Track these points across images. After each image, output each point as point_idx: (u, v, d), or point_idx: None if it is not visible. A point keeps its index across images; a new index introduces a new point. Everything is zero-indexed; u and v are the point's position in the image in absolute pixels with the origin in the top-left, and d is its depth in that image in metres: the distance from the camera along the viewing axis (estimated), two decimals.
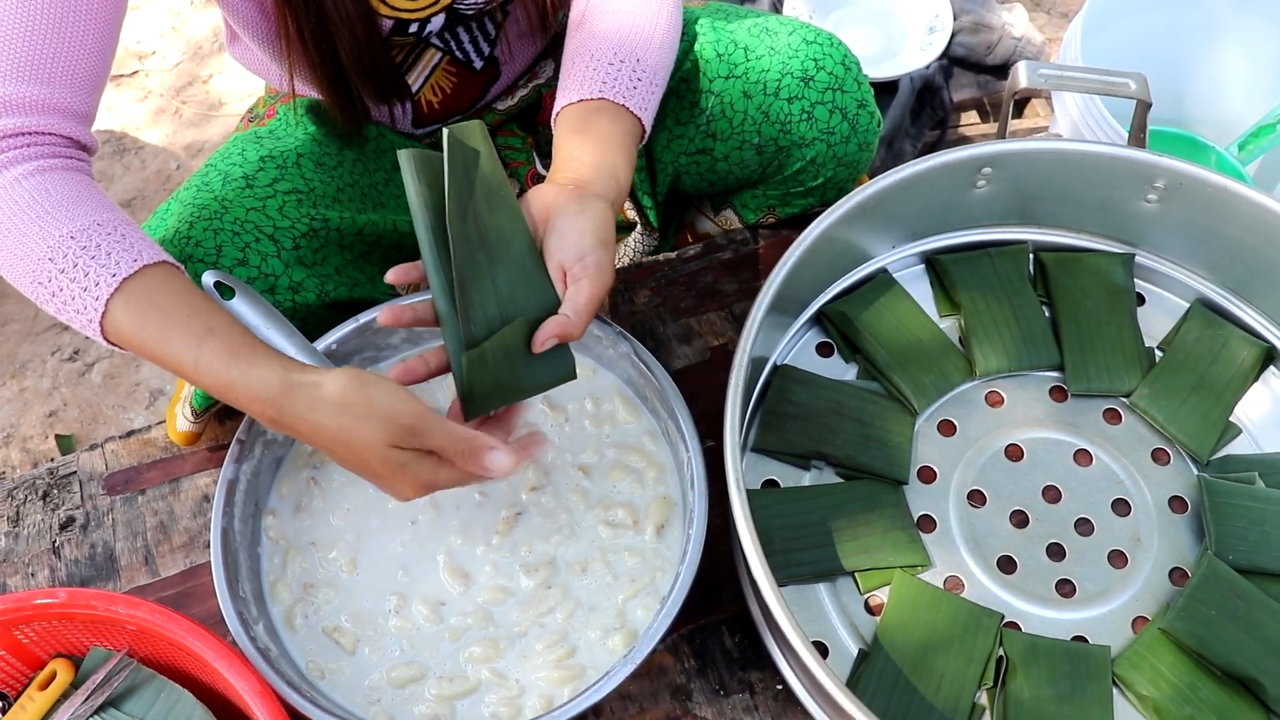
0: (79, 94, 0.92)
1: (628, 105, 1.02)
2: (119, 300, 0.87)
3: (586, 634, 0.99)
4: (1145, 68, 1.16)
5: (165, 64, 2.31)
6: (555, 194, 0.94)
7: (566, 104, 1.02)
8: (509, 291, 0.92)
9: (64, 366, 1.89)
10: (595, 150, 0.98)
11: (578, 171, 0.97)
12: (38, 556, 1.16)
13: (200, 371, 0.88)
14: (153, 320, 0.88)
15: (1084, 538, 1.03)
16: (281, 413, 0.87)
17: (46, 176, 0.89)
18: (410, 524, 1.05)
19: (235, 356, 0.87)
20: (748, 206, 1.34)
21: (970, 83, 1.92)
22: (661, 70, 1.07)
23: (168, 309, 0.88)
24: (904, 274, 1.19)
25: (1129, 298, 1.15)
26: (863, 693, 0.95)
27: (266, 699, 0.87)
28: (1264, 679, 0.93)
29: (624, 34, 1.05)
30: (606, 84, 1.02)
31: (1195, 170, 1.07)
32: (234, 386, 0.87)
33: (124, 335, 0.89)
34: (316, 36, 1.02)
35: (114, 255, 0.88)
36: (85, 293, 0.87)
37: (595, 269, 0.91)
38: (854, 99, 1.17)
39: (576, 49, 1.06)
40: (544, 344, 0.90)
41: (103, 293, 0.87)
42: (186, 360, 0.88)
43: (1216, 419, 1.09)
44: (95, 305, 0.87)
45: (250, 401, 0.88)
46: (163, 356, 0.89)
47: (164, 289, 0.89)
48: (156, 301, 0.88)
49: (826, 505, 1.04)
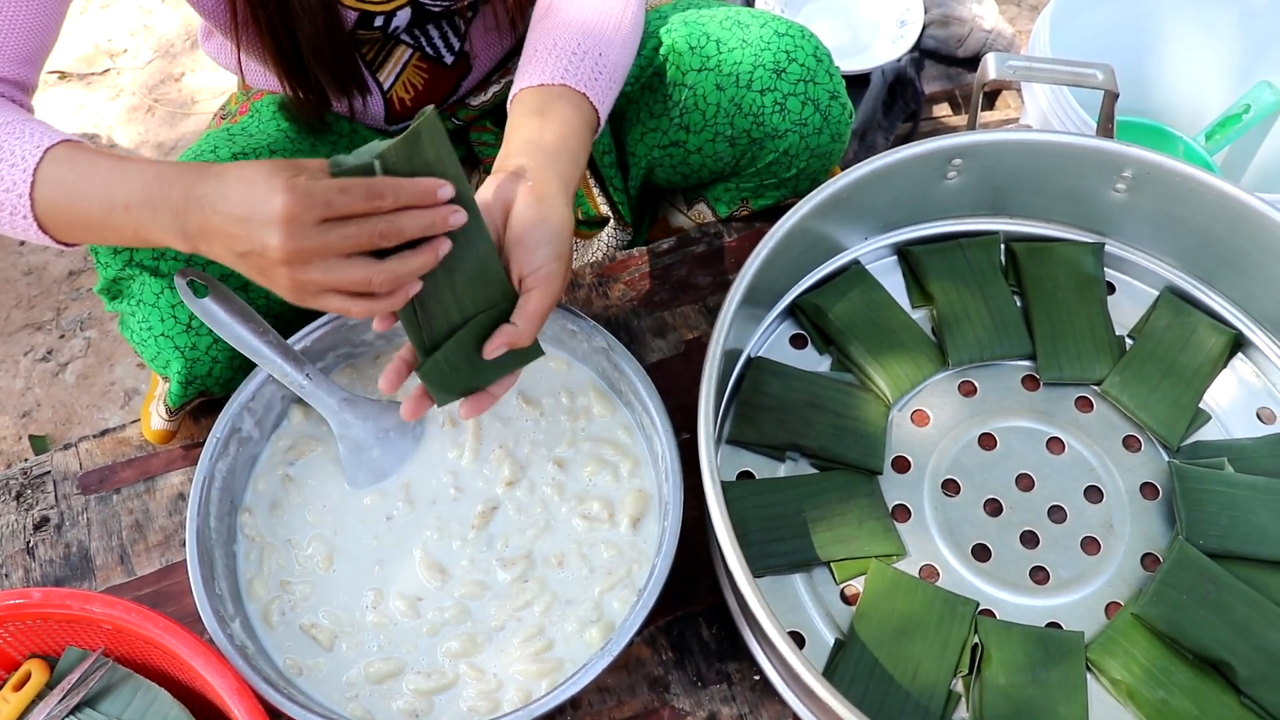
0: (11, 65, 0.97)
1: (588, 95, 1.02)
2: (44, 169, 0.91)
3: (564, 627, 0.99)
4: (1114, 59, 1.17)
5: (137, 62, 2.30)
6: (516, 195, 0.93)
7: (526, 86, 1.02)
8: (468, 292, 0.92)
9: (37, 367, 1.88)
10: (556, 134, 0.98)
11: (536, 158, 0.95)
12: (12, 557, 1.15)
13: (129, 199, 0.88)
14: (79, 168, 0.91)
15: (1057, 525, 1.04)
16: (188, 204, 0.86)
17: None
18: (385, 519, 1.05)
19: (154, 165, 0.90)
20: (721, 200, 1.34)
21: (941, 75, 1.93)
22: (621, 69, 1.07)
23: (91, 162, 0.91)
24: (876, 265, 1.20)
25: (1099, 286, 1.16)
26: (839, 682, 0.95)
27: (244, 696, 0.86)
28: (1235, 661, 0.94)
29: (588, 27, 1.05)
30: (569, 71, 1.02)
31: (1162, 160, 1.08)
32: (150, 195, 0.88)
33: (50, 200, 0.91)
34: (276, 24, 1.02)
35: (35, 134, 0.92)
36: (13, 169, 0.91)
37: (545, 280, 0.92)
38: (826, 90, 1.18)
39: (540, 36, 1.06)
40: (494, 352, 0.91)
41: (29, 164, 0.91)
42: (114, 191, 0.89)
43: (1186, 406, 1.10)
44: (24, 179, 0.91)
45: (163, 199, 0.87)
46: (85, 205, 0.90)
47: (84, 154, 0.92)
48: (79, 160, 0.91)
49: (801, 496, 1.05)
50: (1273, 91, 1.60)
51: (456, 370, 0.93)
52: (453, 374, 0.93)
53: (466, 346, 0.92)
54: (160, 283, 1.03)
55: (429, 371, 0.92)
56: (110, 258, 1.05)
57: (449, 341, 0.91)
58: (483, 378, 0.95)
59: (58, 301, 1.96)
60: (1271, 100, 1.60)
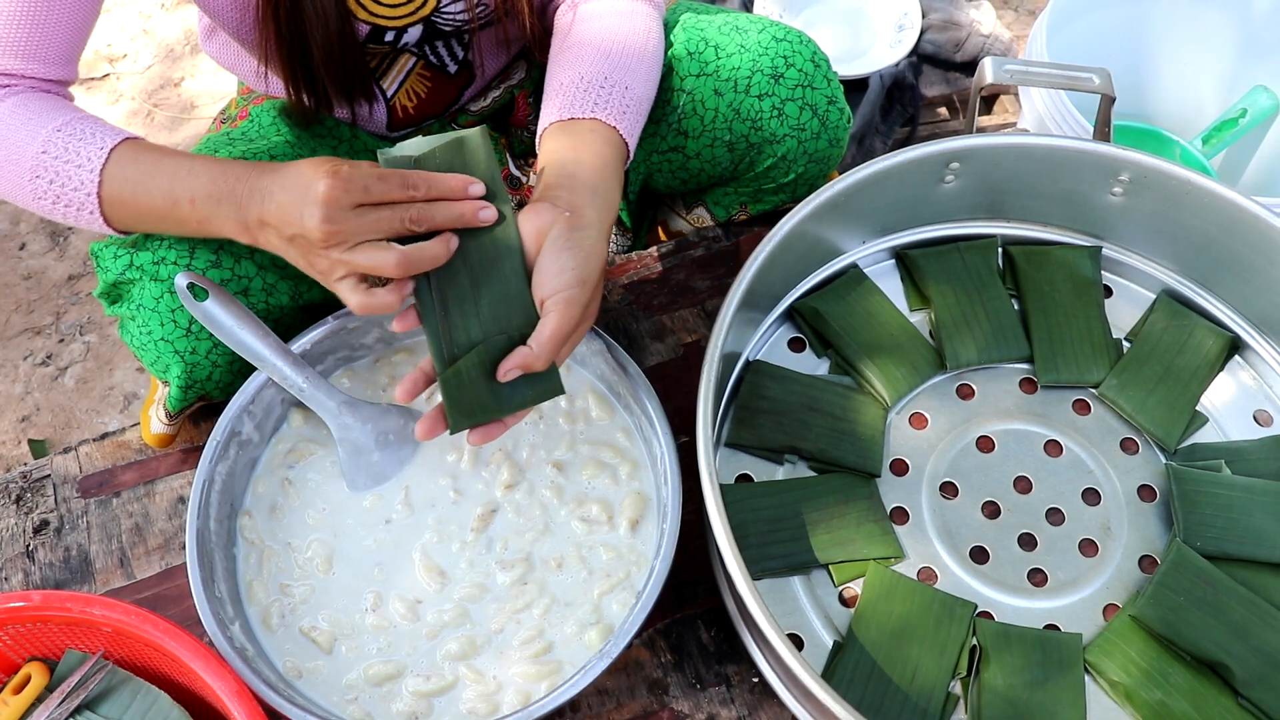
0: (54, 67, 1.02)
1: (619, 129, 1.03)
2: (110, 169, 0.97)
3: (563, 629, 1.00)
4: (1110, 64, 1.17)
5: (136, 67, 2.30)
6: (551, 220, 0.94)
7: (557, 120, 1.03)
8: (491, 311, 0.92)
9: (36, 371, 1.88)
10: (591, 168, 0.99)
11: (575, 191, 0.96)
12: (11, 560, 1.15)
13: (195, 194, 0.95)
14: (143, 166, 0.97)
15: (1055, 527, 1.05)
16: (250, 196, 0.93)
17: (21, 97, 1.00)
18: (385, 522, 1.05)
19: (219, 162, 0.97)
20: (720, 204, 1.35)
21: (939, 80, 1.94)
22: (647, 100, 1.09)
23: (155, 161, 0.98)
24: (874, 269, 1.20)
25: (1096, 290, 1.17)
26: (838, 684, 0.95)
27: (244, 699, 0.86)
28: (1232, 663, 0.95)
29: (614, 58, 1.07)
30: (599, 105, 1.03)
31: (1158, 163, 1.09)
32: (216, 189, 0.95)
33: (116, 195, 0.98)
34: (289, 27, 1.03)
35: (97, 134, 0.98)
36: (80, 169, 0.97)
37: (564, 305, 0.92)
38: (824, 95, 1.18)
39: (565, 68, 1.07)
40: (507, 374, 0.92)
41: (96, 165, 0.97)
42: (179, 187, 0.96)
43: (1183, 408, 1.10)
44: (92, 179, 0.97)
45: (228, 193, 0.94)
46: (150, 200, 0.97)
47: (146, 153, 0.98)
48: (142, 159, 0.98)
49: (800, 499, 1.05)
50: (1269, 96, 1.60)
51: (474, 388, 0.92)
52: (471, 391, 0.92)
53: (486, 365, 0.92)
54: (160, 287, 1.04)
55: (449, 379, 0.91)
56: (112, 261, 1.05)
57: (469, 354, 0.92)
58: (498, 406, 0.94)
59: (57, 306, 1.97)
60: (1267, 105, 1.60)
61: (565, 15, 1.15)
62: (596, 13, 1.12)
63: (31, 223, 2.08)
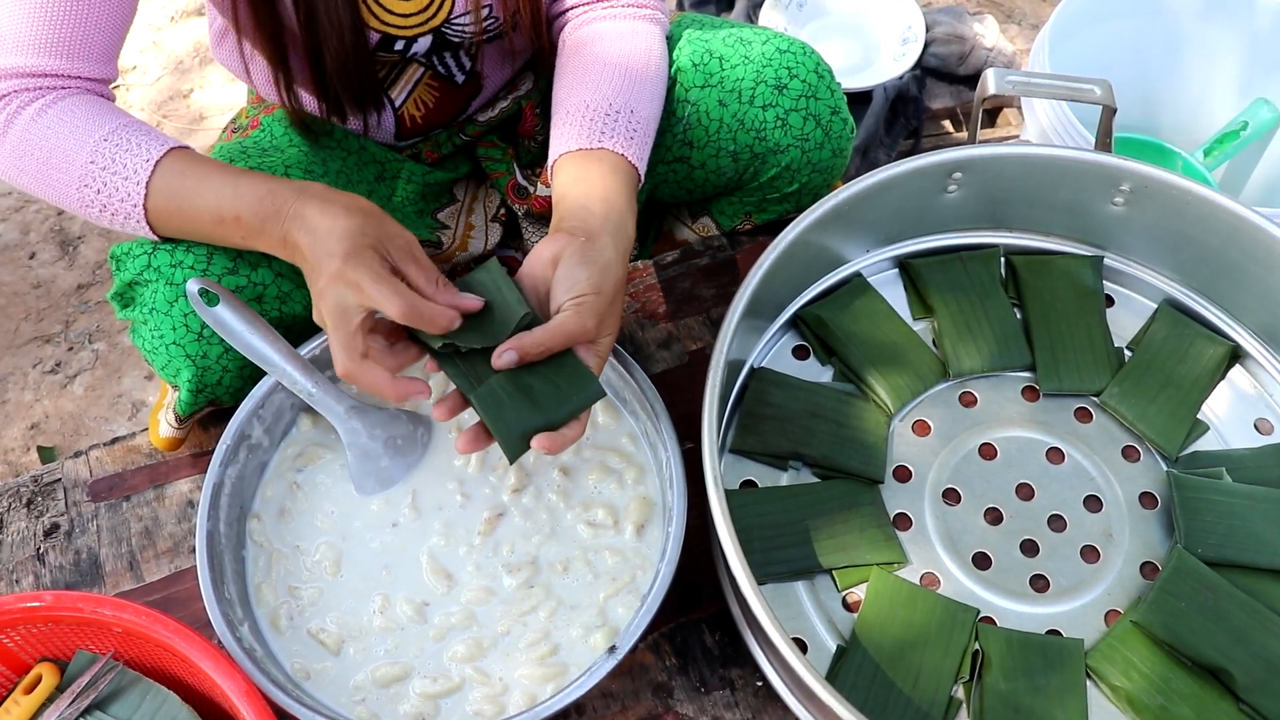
0: (97, 65, 1.03)
1: (627, 155, 1.04)
2: (156, 181, 0.99)
3: (568, 632, 1.00)
4: (1113, 76, 1.18)
5: (146, 79, 2.32)
6: (565, 243, 0.95)
7: (566, 152, 1.04)
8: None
9: (45, 379, 1.89)
10: (603, 198, 1.00)
11: (589, 222, 0.98)
12: (22, 563, 1.16)
13: (240, 212, 0.98)
14: (189, 181, 1.00)
15: (1057, 534, 1.05)
16: (290, 219, 0.96)
17: (67, 103, 1.01)
18: (392, 526, 1.06)
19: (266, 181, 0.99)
20: (725, 213, 1.36)
21: (944, 92, 1.95)
22: (653, 121, 1.11)
23: (201, 176, 1.00)
24: (878, 278, 1.21)
25: (1098, 299, 1.17)
26: (841, 688, 0.96)
27: (253, 699, 0.87)
28: (1233, 668, 0.95)
29: (617, 82, 1.09)
30: (605, 133, 1.04)
31: (1159, 173, 1.10)
32: (262, 208, 0.97)
33: (162, 208, 1.01)
34: (304, 36, 1.04)
35: (143, 145, 1.00)
36: (126, 181, 0.99)
37: (575, 307, 0.93)
38: (827, 106, 1.19)
39: (570, 95, 1.09)
40: (500, 356, 0.91)
41: (142, 177, 0.99)
42: (225, 204, 0.98)
43: (1184, 416, 1.11)
44: (138, 190, 0.99)
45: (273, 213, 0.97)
46: (195, 214, 1.00)
47: (193, 166, 1.01)
48: (189, 173, 1.00)
49: (804, 504, 1.06)
50: (1270, 109, 1.61)
51: (512, 403, 0.91)
52: (511, 408, 0.91)
53: (515, 379, 0.92)
54: (173, 291, 1.05)
55: (483, 396, 0.91)
56: (130, 260, 1.06)
57: (496, 375, 0.92)
58: (542, 417, 0.92)
59: (66, 314, 1.98)
60: (1269, 117, 1.61)
61: (571, 33, 1.16)
62: (600, 34, 1.14)
63: (41, 232, 2.09)
